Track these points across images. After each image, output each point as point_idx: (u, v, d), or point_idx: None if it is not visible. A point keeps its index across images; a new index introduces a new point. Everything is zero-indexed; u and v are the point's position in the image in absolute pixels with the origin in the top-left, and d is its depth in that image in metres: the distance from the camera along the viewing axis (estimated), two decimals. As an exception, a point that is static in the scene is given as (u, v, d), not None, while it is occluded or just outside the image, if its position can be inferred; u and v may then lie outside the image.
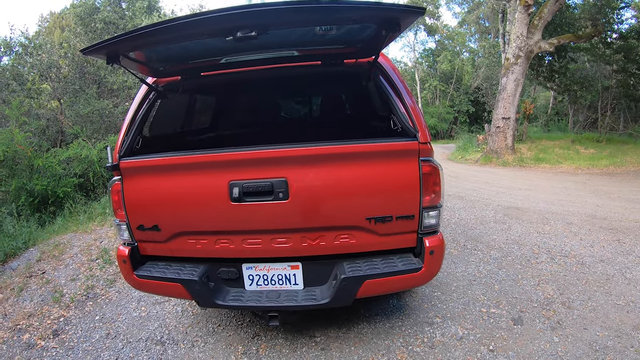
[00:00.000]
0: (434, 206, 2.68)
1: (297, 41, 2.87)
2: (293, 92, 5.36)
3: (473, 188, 9.57)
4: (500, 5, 18.74)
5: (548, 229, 6.11)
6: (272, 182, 2.59)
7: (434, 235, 2.74)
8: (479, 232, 6.05)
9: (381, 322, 3.61)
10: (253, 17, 2.17)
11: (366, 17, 2.41)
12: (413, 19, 2.40)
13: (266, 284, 2.88)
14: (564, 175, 11.95)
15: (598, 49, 19.51)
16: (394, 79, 2.99)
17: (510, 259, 4.93)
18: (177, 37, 2.44)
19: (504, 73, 15.00)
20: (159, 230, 2.81)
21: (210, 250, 2.82)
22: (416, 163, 2.63)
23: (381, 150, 2.65)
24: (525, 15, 14.17)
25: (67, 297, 4.52)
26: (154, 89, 3.18)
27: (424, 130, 2.70)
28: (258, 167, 2.60)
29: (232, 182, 2.61)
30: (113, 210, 2.91)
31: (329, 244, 2.72)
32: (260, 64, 3.20)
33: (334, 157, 2.63)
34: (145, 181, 2.80)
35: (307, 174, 2.62)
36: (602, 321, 3.50)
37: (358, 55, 3.12)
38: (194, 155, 2.70)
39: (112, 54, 2.54)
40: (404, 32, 2.93)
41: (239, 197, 2.60)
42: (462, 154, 17.64)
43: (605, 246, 5.33)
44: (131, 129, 2.98)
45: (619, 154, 14.77)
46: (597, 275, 4.45)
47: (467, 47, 37.97)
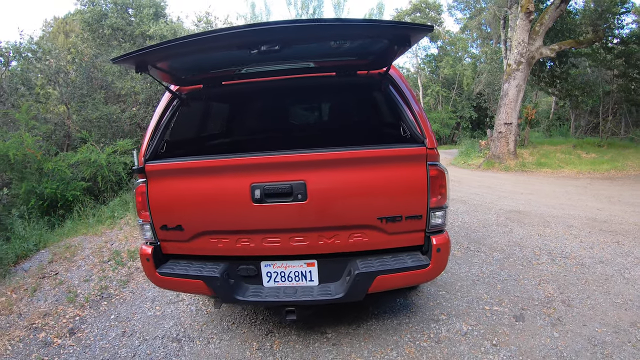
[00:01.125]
0: (440, 207, 2.88)
1: (313, 53, 3.11)
2: (309, 101, 5.60)
3: (476, 192, 9.70)
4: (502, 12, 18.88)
5: (549, 231, 6.25)
6: (291, 185, 2.78)
7: (441, 234, 2.93)
8: (482, 234, 6.20)
9: (389, 319, 3.77)
10: (279, 32, 2.39)
11: (381, 33, 2.69)
12: (422, 36, 2.65)
13: (283, 280, 3.06)
14: (566, 180, 12.06)
15: (599, 54, 19.57)
16: (403, 89, 3.21)
17: (512, 260, 5.08)
18: (206, 49, 2.65)
19: (506, 79, 15.11)
20: (182, 230, 2.98)
21: (231, 249, 2.99)
22: (424, 167, 2.83)
23: (392, 155, 2.85)
24: (527, 21, 14.32)
25: (81, 297, 4.62)
26: (178, 96, 3.36)
27: (431, 136, 2.90)
28: (279, 170, 2.79)
29: (254, 184, 2.79)
30: (137, 211, 3.07)
31: (343, 242, 2.91)
32: (278, 74, 3.41)
33: (349, 162, 2.83)
34: (170, 183, 2.97)
35: (324, 176, 2.81)
36: (600, 318, 3.65)
37: (370, 67, 3.32)
38: (219, 159, 2.90)
39: (142, 64, 2.74)
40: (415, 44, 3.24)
41: (260, 199, 2.79)
42: (465, 159, 17.74)
43: (604, 248, 5.46)
44: (156, 133, 3.15)
45: (620, 158, 14.87)
46: (597, 275, 4.59)
47: (469, 53, 38.08)
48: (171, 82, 3.40)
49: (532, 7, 14.08)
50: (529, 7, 14.01)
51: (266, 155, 2.83)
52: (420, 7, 35.38)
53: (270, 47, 2.48)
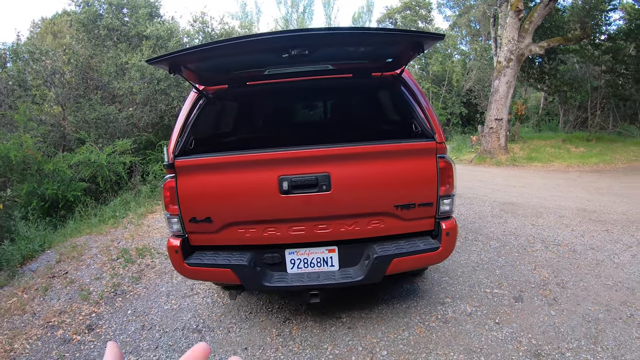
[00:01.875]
0: (449, 195, 3.18)
1: (333, 56, 3.39)
2: (328, 100, 5.91)
3: (470, 186, 9.94)
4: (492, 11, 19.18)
5: (542, 221, 6.53)
6: (316, 177, 3.03)
7: (449, 220, 3.22)
8: (478, 225, 6.47)
9: (398, 303, 4.02)
10: (309, 38, 2.74)
11: (399, 41, 3.07)
12: (434, 42, 2.99)
13: (306, 267, 3.30)
14: (556, 173, 12.35)
15: (587, 51, 19.90)
16: (414, 89, 3.50)
17: (508, 248, 5.36)
18: (240, 53, 2.92)
19: (496, 76, 15.35)
20: (211, 222, 3.19)
21: (257, 238, 3.22)
22: (434, 159, 3.12)
23: (406, 149, 3.16)
24: (516, 19, 14.58)
25: (94, 294, 4.67)
26: (205, 95, 3.58)
27: (440, 131, 3.20)
28: (305, 163, 3.04)
29: (282, 176, 3.03)
30: (165, 205, 3.25)
31: (362, 228, 3.17)
32: (299, 75, 3.67)
33: (368, 155, 3.11)
34: (200, 177, 3.17)
35: (346, 169, 3.07)
36: (593, 298, 3.93)
37: (384, 69, 3.62)
38: (248, 154, 3.12)
39: (175, 65, 2.97)
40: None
41: (287, 190, 3.03)
42: (457, 155, 17.98)
43: (595, 236, 5.74)
44: (184, 131, 3.36)
45: (609, 151, 15.20)
46: (588, 260, 4.87)
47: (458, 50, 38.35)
48: (197, 82, 3.59)
49: (521, 5, 14.35)
50: (519, 5, 14.27)
51: (293, 150, 3.07)
52: (410, 4, 35.60)
53: (301, 51, 2.77)
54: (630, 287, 4.12)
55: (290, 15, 36.85)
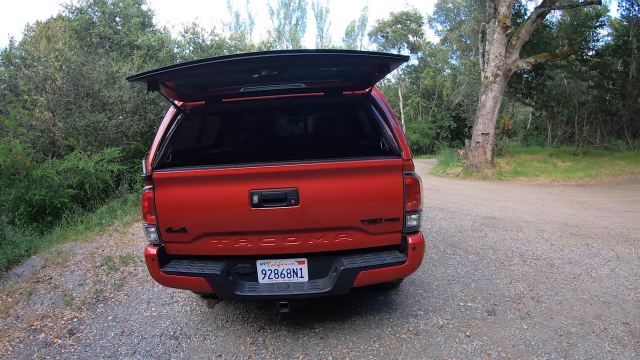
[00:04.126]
0: (415, 210, 3.30)
1: (305, 75, 3.57)
2: (300, 117, 6.06)
3: (453, 200, 10.03)
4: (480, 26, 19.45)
5: (522, 235, 6.62)
6: (285, 191, 3.16)
7: (416, 234, 3.33)
8: (458, 239, 6.55)
9: (371, 315, 4.09)
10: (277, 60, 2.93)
11: (364, 62, 3.29)
12: (399, 64, 3.25)
13: (277, 277, 3.40)
14: (540, 187, 12.45)
15: (575, 66, 20.18)
16: (383, 108, 3.66)
17: (486, 262, 5.44)
18: (214, 72, 3.10)
19: (483, 91, 15.48)
20: (186, 232, 3.29)
21: (230, 249, 3.33)
22: (400, 176, 3.25)
23: (373, 166, 3.31)
24: (504, 35, 14.77)
25: (77, 300, 4.74)
26: (182, 111, 3.72)
27: (407, 149, 3.36)
28: (275, 178, 3.17)
29: (253, 190, 3.16)
30: (143, 215, 3.36)
31: (330, 241, 3.29)
32: (273, 93, 3.81)
33: (336, 171, 3.25)
34: (176, 189, 3.29)
35: (314, 184, 3.20)
36: (567, 312, 4.00)
37: (354, 88, 3.80)
38: (222, 168, 3.27)
39: (154, 83, 3.12)
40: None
41: (258, 203, 3.15)
42: (444, 169, 18.05)
43: (574, 250, 5.81)
44: (162, 144, 3.49)
45: (595, 166, 15.29)
46: (565, 274, 4.94)
47: (449, 64, 38.76)
48: (176, 98, 3.76)
49: (509, 22, 14.55)
50: (506, 22, 14.47)
51: (263, 165, 3.21)
52: (401, 19, 36.05)
53: (270, 72, 2.94)
54: (606, 301, 4.18)
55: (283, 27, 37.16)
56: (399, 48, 37.42)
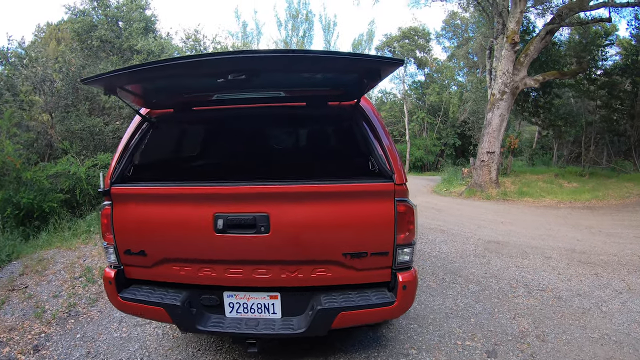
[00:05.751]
0: (408, 244, 2.84)
1: (284, 83, 3.12)
2: (277, 131, 5.53)
3: (455, 222, 9.69)
4: (488, 42, 19.30)
5: (527, 263, 6.25)
6: (254, 216, 2.74)
7: (408, 271, 2.88)
8: (459, 265, 6.17)
9: (357, 353, 3.69)
10: (244, 62, 2.42)
11: (350, 66, 2.69)
12: (393, 69, 2.66)
13: (246, 311, 2.99)
14: (546, 209, 12.13)
15: (582, 85, 20.10)
16: (374, 122, 3.15)
17: (488, 293, 5.05)
18: (171, 76, 2.66)
19: (490, 108, 15.25)
20: (145, 256, 2.92)
21: (193, 277, 2.93)
22: (392, 203, 2.79)
23: (358, 190, 2.83)
24: (512, 52, 14.55)
25: (48, 313, 4.54)
26: (147, 119, 3.32)
27: (400, 171, 2.86)
28: (242, 201, 2.77)
29: (217, 214, 2.76)
30: (102, 233, 3.01)
31: (306, 276, 2.85)
32: (249, 102, 3.36)
33: (314, 195, 2.80)
34: (134, 208, 2.91)
35: (287, 210, 2.77)
36: (575, 354, 3.62)
37: (341, 98, 3.30)
38: (183, 186, 2.86)
39: (110, 86, 2.74)
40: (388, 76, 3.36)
41: (223, 229, 2.75)
42: (447, 187, 17.77)
43: (582, 280, 5.46)
44: (124, 156, 3.11)
45: (602, 187, 15.02)
46: (573, 309, 4.57)
47: (455, 81, 38.72)
48: (142, 104, 3.37)
49: (517, 38, 14.33)
50: (515, 38, 14.26)
51: (230, 185, 2.84)
52: (409, 34, 36.04)
53: (237, 76, 2.49)
54: (618, 341, 3.82)
55: (290, 39, 37.13)
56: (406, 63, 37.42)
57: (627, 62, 19.34)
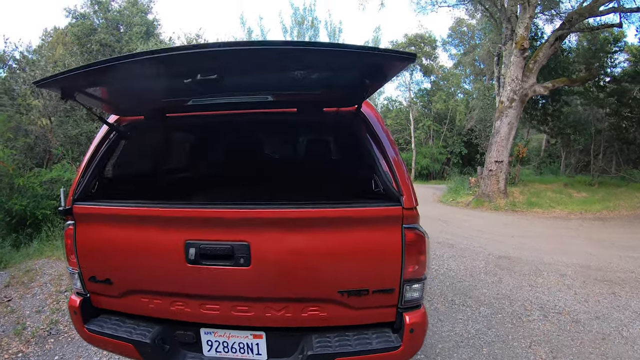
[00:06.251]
0: (418, 279, 2.38)
1: (269, 84, 2.59)
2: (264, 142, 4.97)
3: (464, 235, 9.36)
4: (496, 49, 19.03)
5: (541, 281, 5.91)
6: (232, 246, 2.30)
7: (416, 310, 2.42)
8: (468, 284, 5.80)
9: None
10: (214, 58, 1.93)
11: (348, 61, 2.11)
12: (402, 67, 2.16)
13: (226, 351, 2.56)
14: (556, 221, 11.87)
15: (591, 93, 19.85)
16: (378, 132, 2.65)
17: (501, 317, 4.67)
18: (131, 76, 2.22)
19: (498, 116, 15.01)
20: (111, 284, 2.53)
21: (165, 312, 2.53)
22: (399, 231, 2.32)
23: (359, 217, 2.34)
24: (521, 58, 14.31)
25: (29, 330, 4.30)
26: (115, 128, 2.90)
27: (410, 192, 2.37)
28: (218, 227, 2.35)
29: (189, 241, 2.34)
30: (66, 256, 2.64)
31: (295, 315, 2.41)
32: (230, 108, 2.88)
33: (305, 222, 2.34)
34: (99, 230, 2.53)
35: (272, 239, 2.33)
36: (598, 392, 3.26)
37: (339, 103, 2.81)
38: (148, 207, 2.45)
39: (66, 89, 2.31)
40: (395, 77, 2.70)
41: (195, 259, 2.32)
42: (454, 197, 17.50)
43: (600, 300, 5.16)
44: (88, 170, 2.71)
45: (612, 197, 14.80)
46: (593, 334, 4.24)
47: (461, 89, 38.55)
48: (110, 111, 2.96)
49: (526, 44, 14.10)
50: (524, 43, 14.02)
51: (203, 207, 2.41)
52: (415, 41, 35.86)
53: (207, 76, 2.03)
54: (642, 372, 3.44)
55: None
56: (412, 70, 37.26)
57: (636, 69, 19.05)
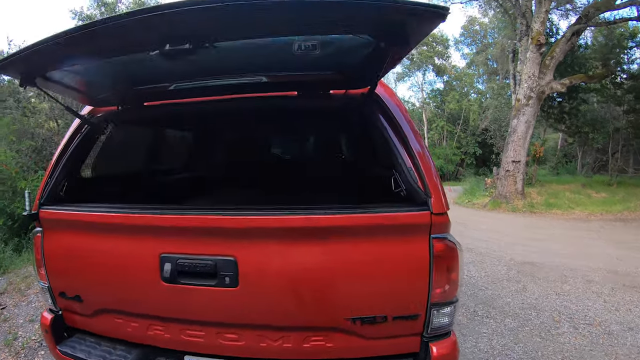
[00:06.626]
0: (448, 302, 1.92)
1: (266, 63, 2.12)
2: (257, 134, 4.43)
3: (482, 238, 9.00)
4: (511, 45, 18.61)
5: (567, 288, 5.52)
6: (215, 262, 1.87)
7: (445, 339, 1.96)
8: (491, 293, 5.41)
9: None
10: (186, 20, 1.46)
11: (355, 22, 1.57)
12: (431, 26, 1.56)
13: None
14: (577, 223, 11.52)
15: (608, 90, 19.42)
16: (398, 118, 2.13)
17: (528, 330, 4.27)
18: (92, 53, 1.79)
19: (515, 114, 14.68)
20: (82, 302, 2.18)
21: (142, 336, 2.15)
22: (425, 242, 1.83)
23: (374, 225, 1.85)
24: (537, 54, 13.97)
25: (20, 340, 4.10)
26: (86, 120, 2.53)
27: (439, 193, 1.88)
28: (198, 238, 1.93)
29: (164, 255, 1.93)
30: (36, 268, 2.30)
31: (296, 346, 1.96)
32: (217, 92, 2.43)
33: (304, 233, 1.88)
34: (67, 239, 2.18)
35: (263, 253, 1.88)
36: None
37: (349, 84, 2.30)
38: (116, 214, 2.04)
39: (25, 73, 1.92)
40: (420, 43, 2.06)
41: (171, 277, 1.91)
42: (470, 198, 17.20)
43: (632, 309, 4.81)
44: (56, 169, 2.36)
45: (633, 198, 14.40)
46: (627, 347, 3.89)
47: (475, 88, 38.22)
48: (84, 101, 2.58)
49: (543, 39, 13.78)
50: (540, 39, 13.69)
51: (180, 214, 1.95)
52: (427, 40, 35.57)
53: (177, 47, 1.55)
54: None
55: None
56: (424, 71, 36.82)
57: None
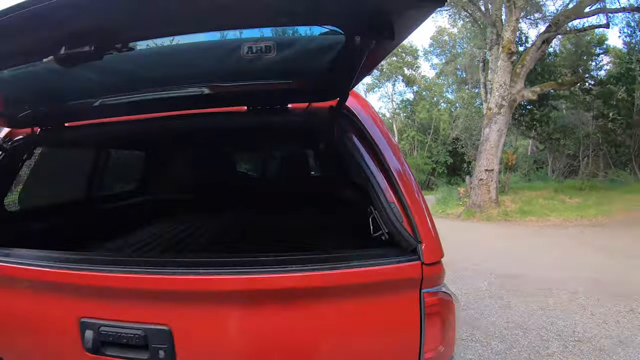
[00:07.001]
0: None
1: (207, 70, 1.62)
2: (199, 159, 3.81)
3: (459, 250, 8.63)
4: (481, 54, 18.90)
5: (552, 302, 5.31)
6: (145, 331, 1.43)
7: None
8: (474, 313, 5.13)
9: None
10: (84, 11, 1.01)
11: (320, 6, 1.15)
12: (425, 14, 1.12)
13: None
14: (554, 230, 11.53)
15: (578, 96, 20.03)
16: (375, 137, 1.71)
17: (516, 352, 4.01)
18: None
19: (487, 123, 14.78)
20: None
21: None
22: (416, 298, 1.46)
23: (347, 285, 1.43)
24: (509, 63, 14.19)
25: None
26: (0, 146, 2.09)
27: (432, 236, 1.53)
28: (123, 300, 1.49)
29: (85, 319, 1.48)
30: None
31: None
32: (153, 108, 1.94)
33: (253, 295, 1.45)
34: None
35: (206, 321, 1.46)
36: None
37: (312, 96, 1.80)
38: (25, 266, 1.55)
39: None
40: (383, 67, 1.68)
41: (94, 347, 1.46)
42: (443, 208, 17.16)
43: (619, 320, 4.65)
44: None
45: (605, 201, 14.58)
46: (620, 365, 3.68)
47: (444, 98, 38.91)
48: (2, 122, 2.13)
49: (514, 47, 14.05)
50: (511, 47, 13.94)
51: (100, 271, 1.47)
52: (397, 51, 35.90)
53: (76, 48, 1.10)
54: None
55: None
56: (394, 81, 37.16)
57: (621, 71, 19.27)
